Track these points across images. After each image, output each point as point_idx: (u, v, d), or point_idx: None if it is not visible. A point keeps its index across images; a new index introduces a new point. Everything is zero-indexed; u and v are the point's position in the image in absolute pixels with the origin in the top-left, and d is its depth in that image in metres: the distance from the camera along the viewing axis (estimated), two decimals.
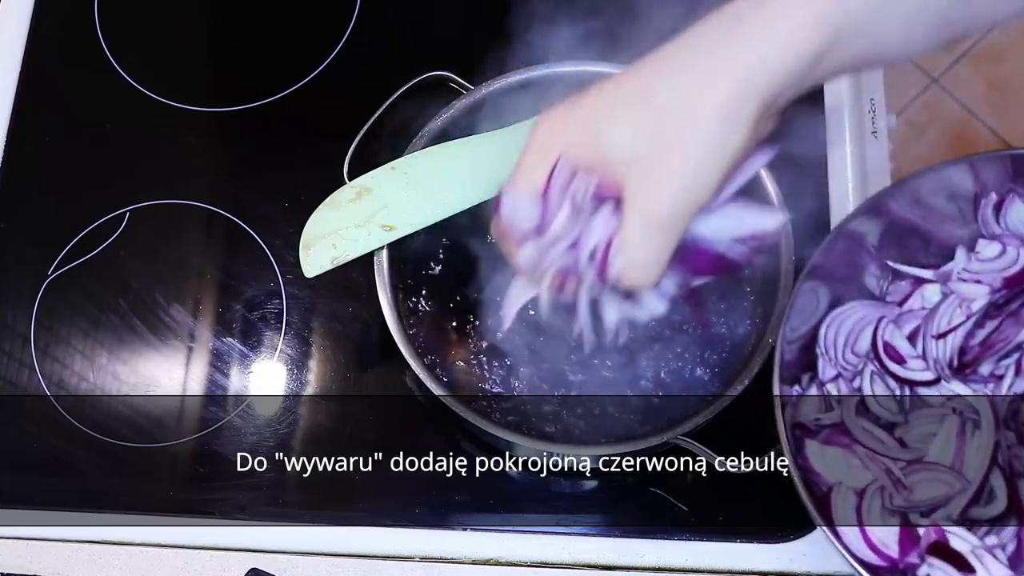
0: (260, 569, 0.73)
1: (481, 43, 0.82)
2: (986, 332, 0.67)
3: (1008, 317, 0.66)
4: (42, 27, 0.92)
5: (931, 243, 0.71)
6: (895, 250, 0.71)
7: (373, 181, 0.73)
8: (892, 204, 0.67)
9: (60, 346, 0.82)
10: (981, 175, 0.67)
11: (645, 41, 0.77)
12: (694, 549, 0.73)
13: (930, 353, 0.67)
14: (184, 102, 0.89)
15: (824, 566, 0.72)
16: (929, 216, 0.69)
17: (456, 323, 0.76)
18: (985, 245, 0.69)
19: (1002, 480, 0.62)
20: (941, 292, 0.69)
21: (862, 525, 0.62)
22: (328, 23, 0.90)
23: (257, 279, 0.83)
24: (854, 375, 0.68)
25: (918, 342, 0.68)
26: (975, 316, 0.67)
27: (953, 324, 0.67)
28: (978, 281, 0.68)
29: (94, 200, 0.86)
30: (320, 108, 0.88)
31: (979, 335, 0.67)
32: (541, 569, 0.73)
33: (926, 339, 0.67)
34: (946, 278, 0.70)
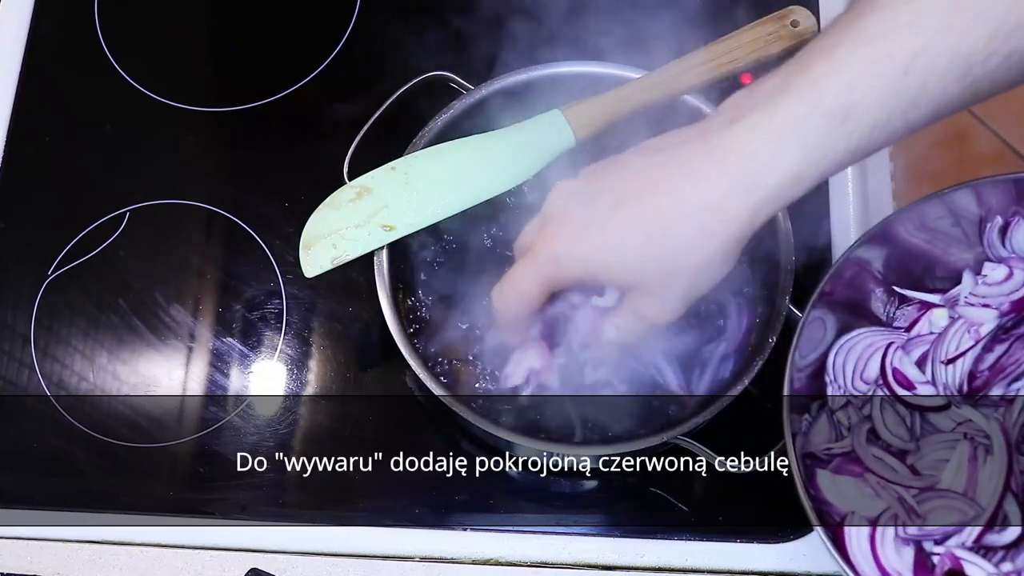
0: (260, 569, 0.73)
1: (481, 43, 0.82)
2: (995, 356, 0.66)
3: (1017, 340, 0.66)
4: (42, 27, 0.92)
5: (937, 267, 0.71)
6: (901, 275, 0.70)
7: (373, 181, 0.73)
8: (898, 229, 0.67)
9: (60, 346, 0.82)
10: (986, 199, 0.67)
11: (645, 41, 0.78)
12: (694, 549, 0.73)
13: (939, 378, 0.67)
14: (184, 102, 0.89)
15: (824, 566, 0.72)
16: (935, 240, 0.69)
17: (456, 323, 0.76)
18: (992, 268, 0.69)
19: (1016, 506, 0.61)
20: (949, 316, 0.69)
21: (876, 555, 0.61)
22: (328, 23, 0.90)
23: (257, 279, 0.83)
24: (864, 403, 0.67)
25: (927, 367, 0.68)
26: (984, 340, 0.66)
27: (962, 349, 0.67)
28: (986, 305, 0.68)
29: (94, 200, 0.86)
30: (320, 108, 0.88)
31: (988, 359, 0.66)
32: (541, 569, 0.73)
33: (935, 364, 0.67)
34: (953, 302, 0.69)
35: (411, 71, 0.77)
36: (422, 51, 0.88)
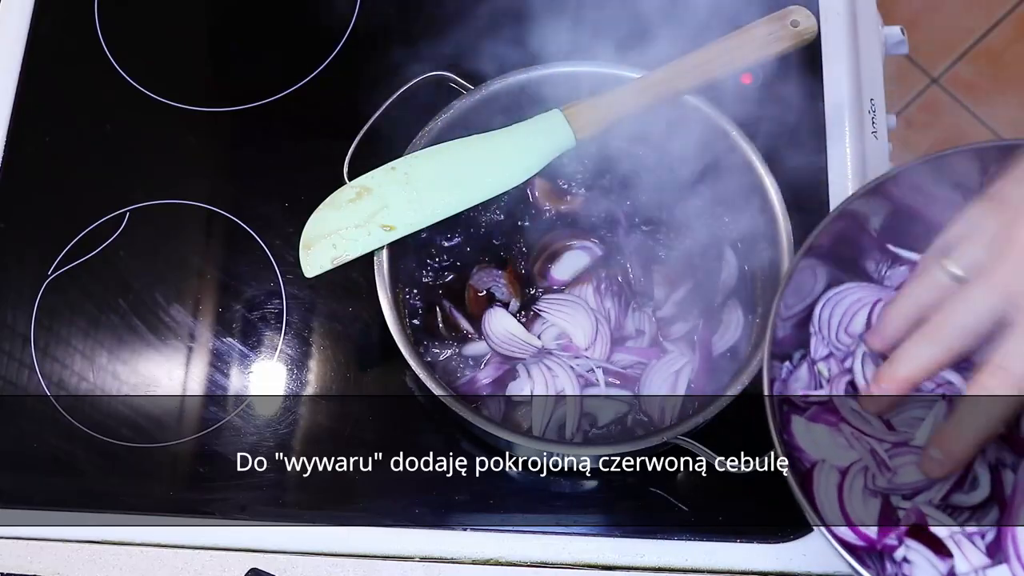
0: (260, 569, 0.73)
1: (481, 43, 0.82)
2: None
3: None
4: (42, 27, 0.92)
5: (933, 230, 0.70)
6: (896, 235, 0.70)
7: (373, 181, 0.73)
8: (894, 188, 0.66)
9: (60, 346, 0.82)
10: (986, 165, 0.66)
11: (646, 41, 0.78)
12: (694, 549, 0.73)
13: None
14: (184, 102, 0.89)
15: (823, 566, 0.72)
16: (932, 203, 0.68)
17: (457, 323, 0.76)
18: None
19: (987, 471, 0.62)
20: None
21: (842, 502, 0.62)
22: (328, 23, 0.90)
23: (257, 279, 0.83)
24: (846, 355, 0.68)
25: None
26: None
27: None
28: None
29: (94, 200, 0.86)
30: (320, 108, 0.88)
31: None
32: (541, 569, 0.73)
33: None
34: None
35: (411, 71, 0.77)
36: (422, 51, 0.88)
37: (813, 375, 0.68)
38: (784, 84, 0.82)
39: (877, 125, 0.85)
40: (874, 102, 0.85)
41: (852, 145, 0.82)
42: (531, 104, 0.76)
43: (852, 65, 0.85)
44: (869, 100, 0.85)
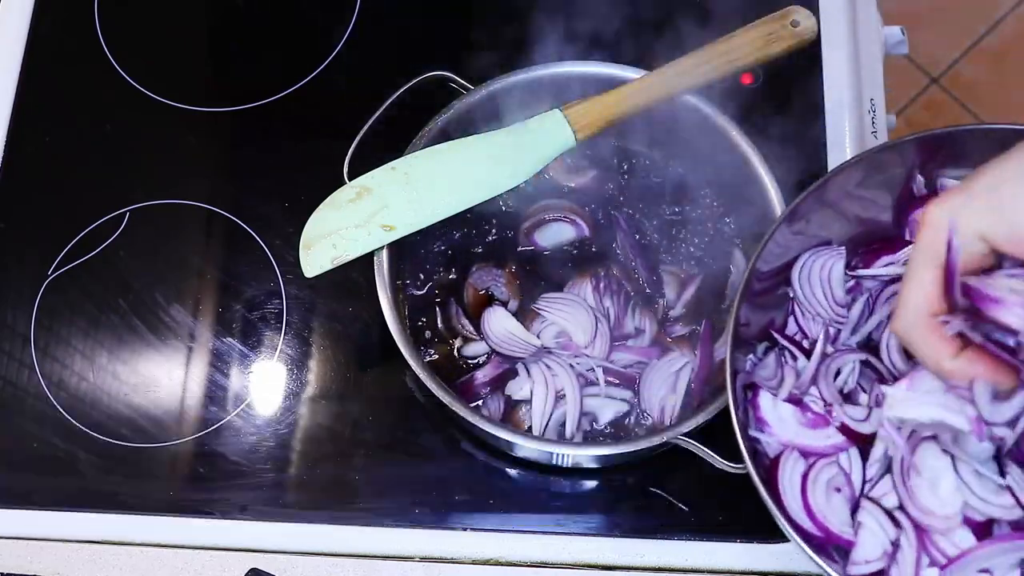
0: (260, 569, 0.73)
1: (481, 43, 0.82)
2: None
3: None
4: (42, 27, 0.92)
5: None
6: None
7: (373, 181, 0.73)
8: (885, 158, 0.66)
9: (60, 346, 0.82)
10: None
11: (646, 41, 0.78)
12: (694, 549, 0.73)
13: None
14: (184, 102, 0.89)
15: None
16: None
17: (457, 322, 0.76)
18: None
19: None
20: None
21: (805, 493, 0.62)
22: (328, 23, 0.90)
23: (257, 279, 0.83)
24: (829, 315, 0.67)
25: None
26: None
27: None
28: None
29: (94, 200, 0.86)
30: (320, 108, 0.88)
31: None
32: (541, 569, 0.73)
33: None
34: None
35: (411, 71, 0.77)
36: (422, 51, 0.88)
37: (780, 364, 0.67)
38: (784, 84, 0.82)
39: (877, 125, 0.85)
40: (874, 102, 0.85)
41: (852, 145, 0.82)
42: (531, 104, 0.76)
43: (852, 65, 0.85)
44: (869, 100, 0.85)
